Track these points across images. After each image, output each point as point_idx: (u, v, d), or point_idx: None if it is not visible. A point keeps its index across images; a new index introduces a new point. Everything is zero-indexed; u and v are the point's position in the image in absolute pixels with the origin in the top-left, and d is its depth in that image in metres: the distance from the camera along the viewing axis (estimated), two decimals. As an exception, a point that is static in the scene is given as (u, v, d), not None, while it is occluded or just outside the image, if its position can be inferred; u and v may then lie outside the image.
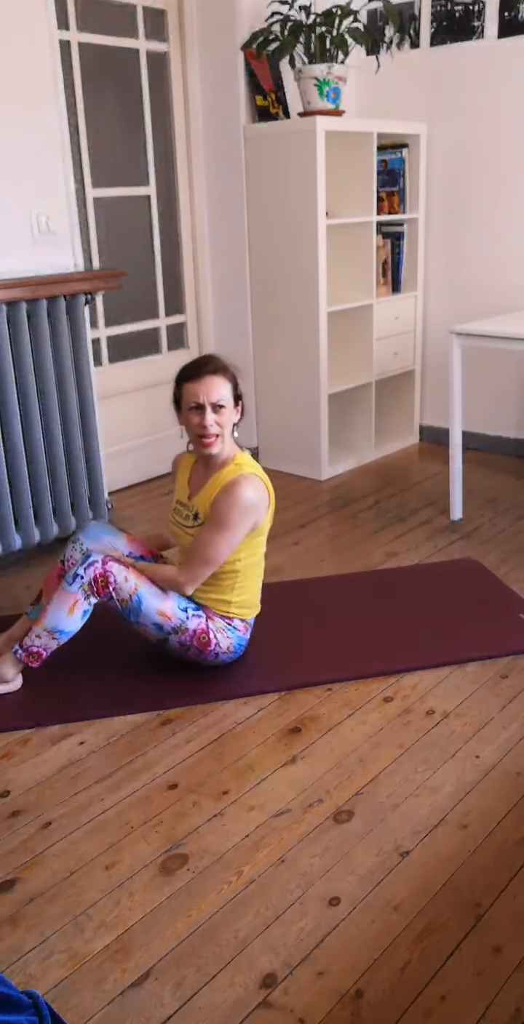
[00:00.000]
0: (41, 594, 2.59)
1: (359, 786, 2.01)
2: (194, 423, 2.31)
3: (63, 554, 2.55)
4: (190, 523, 2.39)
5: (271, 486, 2.40)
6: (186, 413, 2.33)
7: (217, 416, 2.29)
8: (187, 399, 2.31)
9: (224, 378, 2.31)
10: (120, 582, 2.30)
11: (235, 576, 2.40)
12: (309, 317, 3.94)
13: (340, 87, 3.79)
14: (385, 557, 3.25)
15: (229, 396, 2.32)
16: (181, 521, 2.44)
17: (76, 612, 2.32)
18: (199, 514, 2.37)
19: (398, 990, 1.50)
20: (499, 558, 3.17)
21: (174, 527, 2.48)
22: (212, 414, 2.28)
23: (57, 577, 2.53)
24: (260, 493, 2.33)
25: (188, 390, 2.30)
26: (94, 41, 3.67)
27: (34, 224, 3.25)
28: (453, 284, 4.37)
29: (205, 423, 2.28)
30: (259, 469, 2.39)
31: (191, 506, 2.41)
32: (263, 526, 2.39)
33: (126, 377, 4.06)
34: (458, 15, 3.98)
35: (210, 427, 2.29)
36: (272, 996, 1.50)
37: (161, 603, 2.34)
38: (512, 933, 1.60)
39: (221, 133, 4.00)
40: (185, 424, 2.36)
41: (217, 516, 2.29)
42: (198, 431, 2.31)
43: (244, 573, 2.41)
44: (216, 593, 2.41)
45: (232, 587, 2.41)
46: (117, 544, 2.54)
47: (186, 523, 2.41)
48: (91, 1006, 1.49)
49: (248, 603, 2.46)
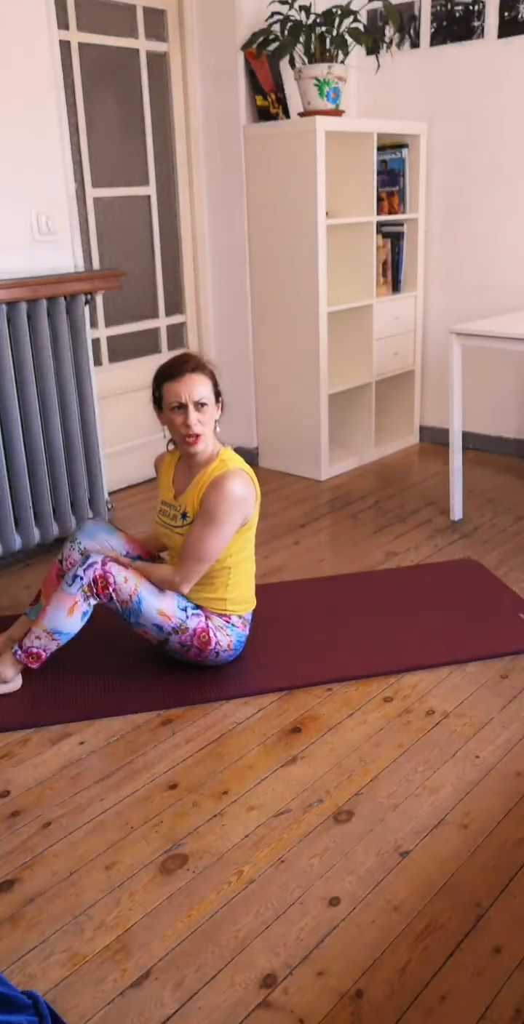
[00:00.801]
0: (40, 595, 2.59)
1: (359, 786, 2.01)
2: (177, 423, 2.31)
3: (61, 553, 2.55)
4: (178, 523, 2.39)
5: (256, 480, 2.41)
6: (168, 413, 2.32)
7: (200, 414, 2.29)
8: (168, 399, 2.30)
9: (204, 375, 2.31)
10: (120, 583, 2.30)
11: (227, 573, 2.40)
12: (309, 317, 3.94)
13: (340, 87, 3.79)
14: (385, 557, 3.25)
15: (210, 393, 2.31)
16: (168, 522, 2.44)
17: (75, 613, 2.32)
18: (187, 513, 2.37)
19: (398, 990, 1.50)
20: (499, 558, 3.17)
21: (161, 528, 2.48)
22: (195, 413, 2.28)
23: (55, 577, 2.53)
24: (248, 487, 2.33)
25: (169, 390, 2.29)
26: (94, 41, 3.67)
27: (34, 224, 3.25)
28: (453, 284, 4.37)
29: (189, 422, 2.28)
30: (243, 463, 2.39)
31: (178, 505, 2.41)
32: (252, 520, 2.39)
33: (126, 377, 4.06)
34: (458, 15, 3.98)
35: (194, 426, 2.28)
36: (272, 996, 1.50)
37: (161, 603, 2.34)
38: (512, 933, 1.60)
39: (221, 133, 4.00)
40: (167, 424, 2.36)
41: (207, 513, 2.30)
42: (182, 431, 2.30)
43: (236, 569, 2.41)
44: (210, 592, 2.41)
45: (225, 584, 2.41)
46: (114, 543, 2.54)
47: (174, 523, 2.41)
48: (91, 1006, 1.49)
49: (243, 598, 2.46)
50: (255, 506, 2.39)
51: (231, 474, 2.30)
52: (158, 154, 4.02)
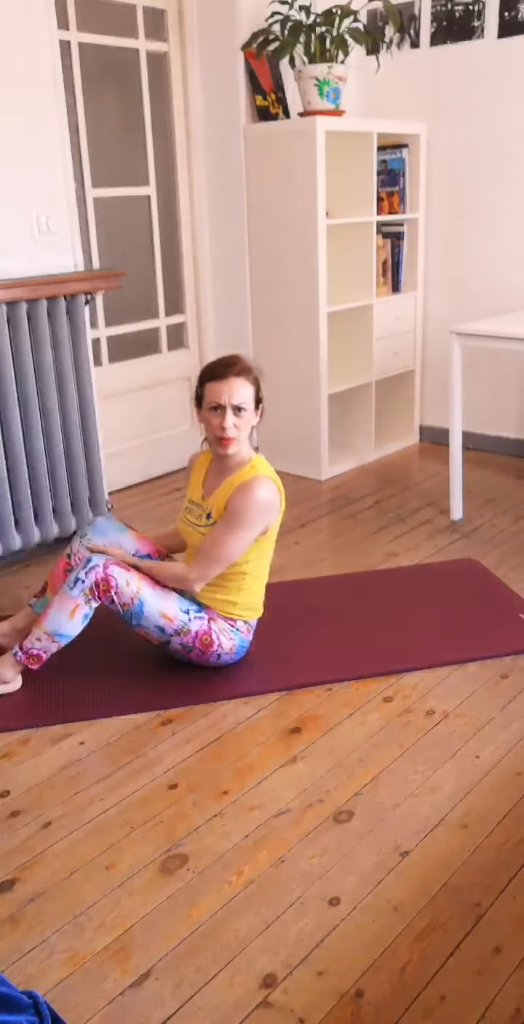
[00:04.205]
0: (46, 586, 2.58)
1: (359, 786, 2.01)
2: (213, 423, 2.29)
3: (69, 548, 2.54)
4: (203, 522, 2.39)
5: (283, 490, 2.41)
6: (206, 412, 2.31)
7: (237, 418, 2.28)
8: (208, 399, 2.29)
9: (247, 380, 2.29)
10: (121, 586, 2.29)
11: (242, 578, 2.40)
12: (309, 317, 3.94)
13: (340, 87, 3.79)
14: (385, 557, 3.25)
15: (250, 399, 2.30)
16: (193, 520, 2.43)
17: (77, 616, 2.31)
18: (212, 514, 2.36)
19: (398, 990, 1.50)
20: (499, 558, 3.17)
21: (185, 526, 2.47)
22: (232, 416, 2.27)
23: (62, 572, 2.53)
24: (274, 496, 2.33)
25: (210, 389, 2.29)
26: (94, 41, 3.67)
27: (34, 224, 3.25)
28: (453, 284, 4.37)
29: (224, 424, 2.27)
30: (273, 472, 2.39)
31: (205, 506, 2.40)
32: (272, 529, 2.39)
33: (126, 377, 4.06)
34: (458, 15, 3.98)
35: (228, 429, 2.27)
36: (272, 996, 1.50)
37: (163, 605, 2.34)
38: (512, 933, 1.60)
39: (221, 133, 4.00)
40: (203, 422, 2.35)
41: (231, 515, 2.30)
42: (217, 432, 2.29)
43: (251, 576, 2.41)
44: (222, 594, 2.41)
45: (238, 588, 2.41)
46: (124, 541, 2.53)
47: (198, 522, 2.41)
48: (91, 1006, 1.49)
49: (252, 605, 2.47)
50: (278, 516, 2.39)
51: (259, 480, 2.31)
52: (158, 154, 4.02)
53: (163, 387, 4.19)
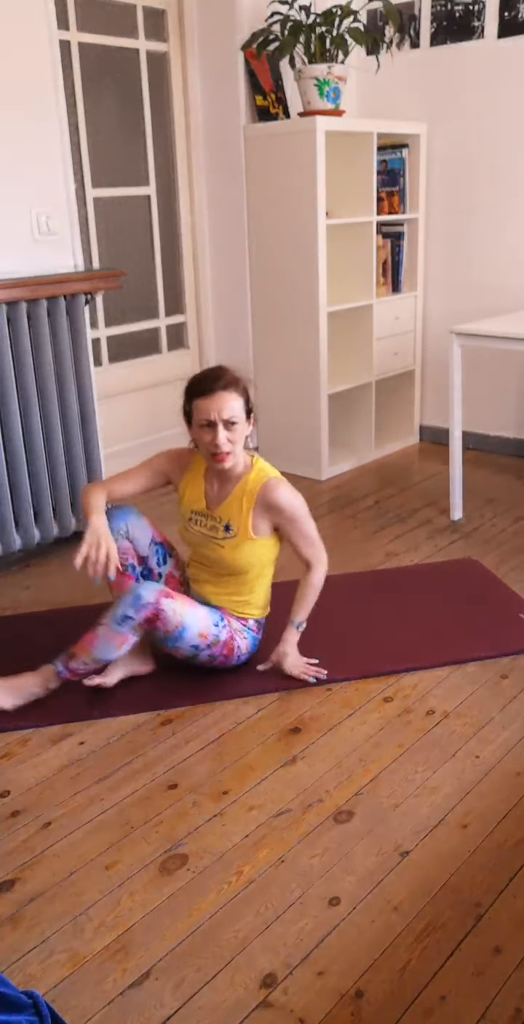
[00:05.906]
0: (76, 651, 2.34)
1: (359, 786, 2.01)
2: (206, 440, 2.25)
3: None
4: (220, 535, 2.36)
5: None
6: (197, 429, 2.27)
7: (229, 432, 2.23)
8: (198, 416, 2.24)
9: (235, 392, 2.24)
10: (169, 616, 2.25)
11: (256, 579, 2.42)
12: (309, 317, 3.94)
13: (340, 87, 3.79)
14: (385, 557, 3.25)
15: (241, 411, 2.25)
16: (207, 532, 2.39)
17: (124, 646, 2.29)
18: (230, 525, 2.34)
19: (398, 990, 1.50)
20: (499, 558, 3.17)
21: (192, 536, 2.43)
22: (224, 431, 2.22)
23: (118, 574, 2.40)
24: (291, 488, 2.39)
25: (199, 406, 2.23)
26: (94, 41, 3.67)
27: (34, 224, 3.25)
28: (453, 284, 4.37)
29: (217, 441, 2.23)
30: (275, 471, 2.41)
31: (217, 517, 2.37)
32: None
33: (126, 377, 4.06)
34: (458, 15, 3.98)
35: (223, 445, 2.23)
36: (272, 996, 1.50)
37: (201, 626, 2.32)
38: (512, 933, 1.60)
39: (221, 133, 4.00)
40: (196, 439, 2.32)
41: (293, 513, 2.35)
42: (211, 449, 2.26)
43: (263, 576, 2.44)
44: (238, 595, 2.42)
45: (251, 589, 2.42)
46: (142, 528, 2.47)
47: (215, 535, 2.37)
48: (91, 1006, 1.49)
49: (262, 602, 2.48)
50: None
51: (276, 481, 2.34)
52: (158, 154, 4.02)
53: (163, 387, 4.19)
